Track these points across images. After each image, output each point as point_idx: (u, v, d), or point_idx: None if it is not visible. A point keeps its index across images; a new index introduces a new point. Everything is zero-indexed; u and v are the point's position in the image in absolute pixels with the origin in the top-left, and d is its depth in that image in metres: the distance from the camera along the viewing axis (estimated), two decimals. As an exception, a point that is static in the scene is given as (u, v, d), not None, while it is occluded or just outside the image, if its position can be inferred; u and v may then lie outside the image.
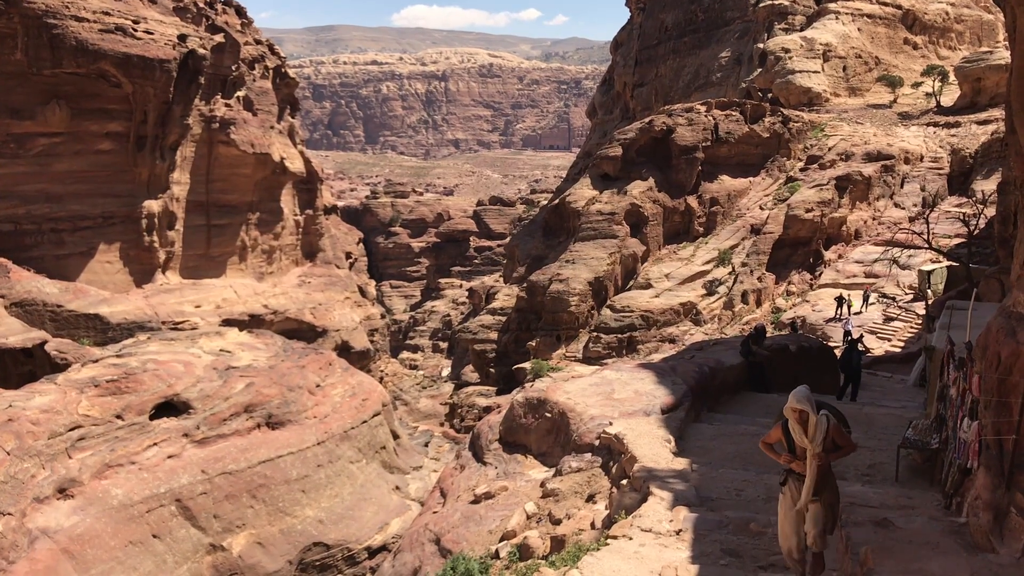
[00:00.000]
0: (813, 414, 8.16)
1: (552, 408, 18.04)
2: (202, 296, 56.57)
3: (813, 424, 8.13)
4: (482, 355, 65.97)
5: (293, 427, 29.68)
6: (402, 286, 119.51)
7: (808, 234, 59.06)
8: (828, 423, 8.18)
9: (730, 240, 60.78)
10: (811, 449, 8.11)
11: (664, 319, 55.32)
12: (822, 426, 8.14)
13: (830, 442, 8.23)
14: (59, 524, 22.34)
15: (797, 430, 8.23)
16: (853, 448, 8.62)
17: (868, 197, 62.46)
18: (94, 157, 54.29)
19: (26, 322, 45.26)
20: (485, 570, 12.60)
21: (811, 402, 8.20)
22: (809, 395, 8.24)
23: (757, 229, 60.14)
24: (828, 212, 59.17)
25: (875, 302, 46.64)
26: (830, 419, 8.25)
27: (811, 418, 8.14)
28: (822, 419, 8.17)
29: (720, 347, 23.41)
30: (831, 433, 8.21)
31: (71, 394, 26.31)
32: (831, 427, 8.20)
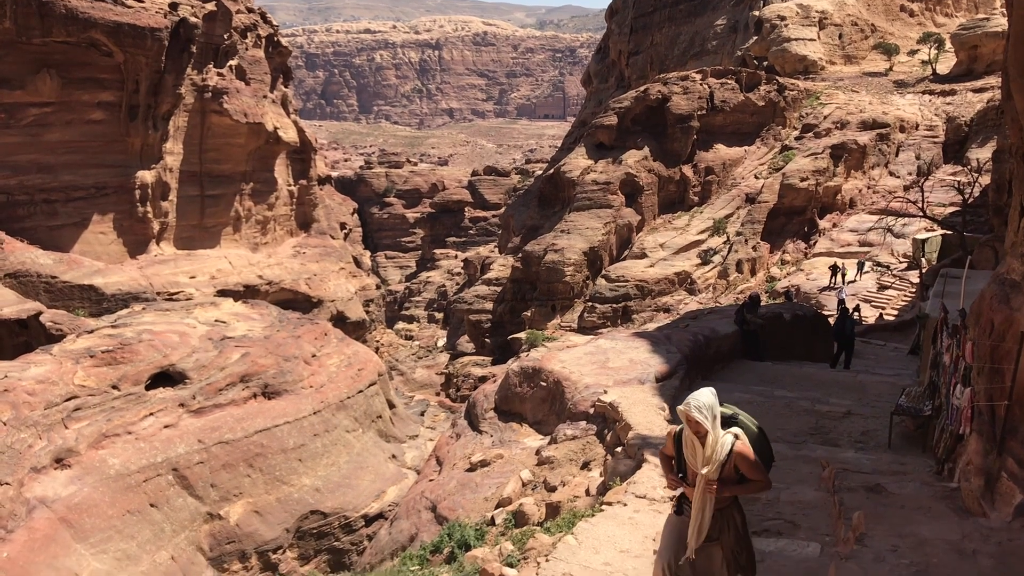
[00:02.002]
0: (712, 430, 6.12)
1: (547, 377, 18.10)
2: (196, 267, 56.44)
3: (712, 443, 6.12)
4: (477, 325, 66.09)
5: (289, 397, 29.75)
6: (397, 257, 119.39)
7: (803, 203, 59.05)
8: (732, 446, 6.18)
9: (725, 209, 60.76)
10: (703, 475, 6.13)
11: (659, 289, 55.42)
12: (723, 448, 6.15)
13: (731, 471, 6.16)
14: (57, 494, 22.43)
15: (690, 445, 6.24)
16: (766, 485, 6.34)
17: (863, 166, 62.40)
18: (86, 127, 53.88)
19: (20, 293, 45.14)
20: (481, 536, 12.71)
21: (714, 413, 6.17)
22: (714, 402, 6.19)
23: (752, 198, 60.11)
24: (823, 181, 59.14)
25: (869, 271, 46.75)
26: (736, 441, 6.22)
27: (710, 435, 6.11)
28: (725, 440, 6.18)
29: (714, 316, 23.47)
30: (734, 460, 6.15)
31: (67, 364, 26.31)
32: (735, 452, 6.16)
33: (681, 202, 64.22)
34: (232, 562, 25.27)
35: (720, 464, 6.13)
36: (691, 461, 6.26)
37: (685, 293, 55.66)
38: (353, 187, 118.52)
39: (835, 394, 16.63)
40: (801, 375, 18.85)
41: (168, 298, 48.86)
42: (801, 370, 19.51)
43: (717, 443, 6.14)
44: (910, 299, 39.83)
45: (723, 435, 6.18)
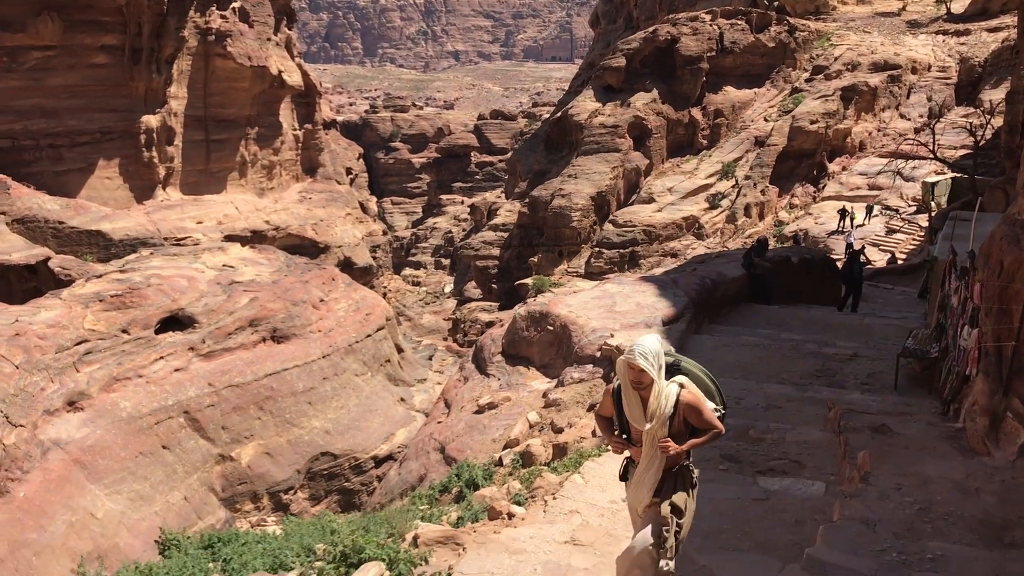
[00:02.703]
0: (658, 380, 5.48)
1: (554, 321, 18.16)
2: (203, 212, 56.36)
3: (656, 395, 5.49)
4: (484, 271, 66.10)
5: (298, 341, 29.93)
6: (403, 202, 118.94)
7: (812, 146, 58.50)
8: (678, 396, 5.55)
9: (734, 153, 60.24)
10: (649, 431, 5.56)
11: (666, 233, 55.25)
12: (668, 399, 5.50)
13: (680, 424, 5.58)
14: (70, 436, 22.73)
15: (632, 400, 5.59)
16: (718, 432, 5.73)
17: (874, 108, 61.63)
18: (89, 71, 53.38)
19: (28, 239, 45.23)
20: (489, 477, 12.87)
21: (658, 361, 5.49)
22: (658, 349, 5.52)
23: (761, 141, 59.55)
24: (833, 124, 58.49)
25: (878, 214, 46.48)
26: (683, 390, 5.59)
27: (654, 386, 5.48)
28: (670, 390, 5.53)
29: (722, 260, 23.43)
30: (682, 411, 5.54)
31: (76, 309, 26.46)
32: (682, 403, 5.54)
33: (690, 145, 63.66)
34: (244, 502, 25.69)
35: (667, 418, 5.48)
36: (633, 418, 5.56)
37: (693, 238, 55.49)
38: (358, 132, 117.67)
39: (842, 337, 16.67)
40: (808, 318, 18.87)
41: (175, 243, 48.89)
42: (808, 313, 19.53)
43: (661, 395, 5.45)
44: (919, 243, 39.66)
45: (667, 385, 5.51)
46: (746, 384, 12.69)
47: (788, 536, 7.39)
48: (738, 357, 14.79)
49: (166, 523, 22.62)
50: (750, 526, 7.61)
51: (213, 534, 16.91)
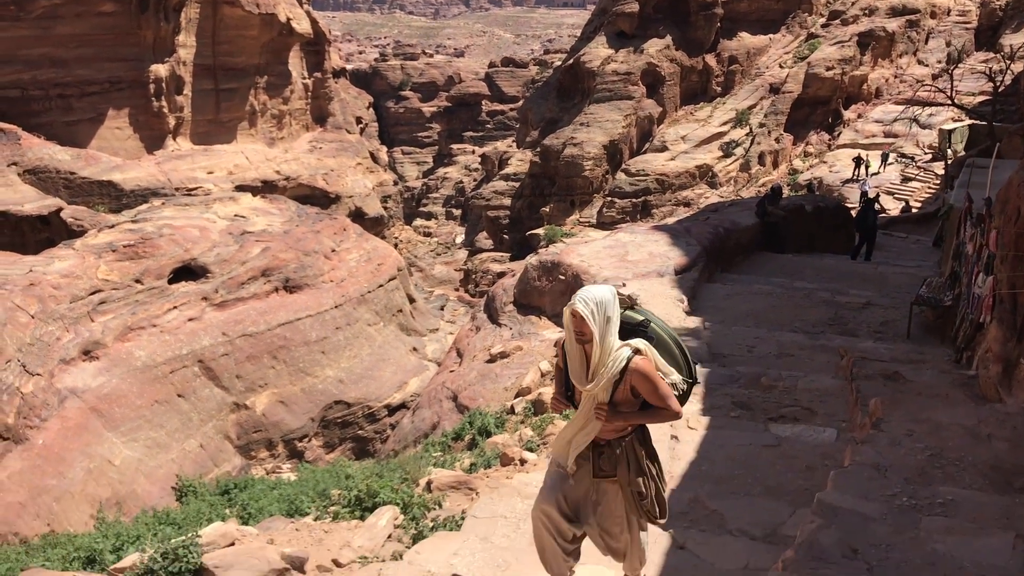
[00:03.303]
0: (600, 336, 4.63)
1: (566, 270, 18.12)
2: (214, 162, 56.23)
3: (599, 354, 4.66)
4: (495, 221, 65.93)
5: (310, 291, 30.07)
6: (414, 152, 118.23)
7: (828, 93, 57.73)
8: (629, 361, 4.67)
9: (748, 100, 59.51)
10: (588, 393, 4.77)
11: (679, 182, 54.87)
12: (616, 362, 4.66)
13: (626, 393, 4.73)
14: (86, 384, 23.02)
15: (574, 355, 4.79)
16: (671, 415, 4.82)
17: (891, 54, 60.64)
18: (97, 20, 52.91)
19: (40, 190, 45.28)
20: (501, 424, 12.94)
21: (607, 314, 4.64)
22: (610, 301, 4.68)
23: (776, 88, 58.78)
24: (849, 70, 57.64)
25: (893, 162, 45.98)
26: (637, 356, 4.69)
27: (595, 343, 4.63)
28: (620, 353, 4.68)
29: (735, 208, 23.27)
30: (629, 379, 4.67)
31: (89, 259, 26.60)
32: (632, 370, 4.66)
33: (703, 93, 62.91)
34: (259, 450, 26.03)
35: (612, 382, 4.66)
36: (574, 375, 4.79)
37: (706, 187, 55.11)
38: (368, 80, 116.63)
39: (855, 285, 16.59)
40: (821, 267, 18.78)
41: (186, 194, 48.85)
42: (822, 262, 19.42)
43: (608, 355, 4.65)
44: (934, 191, 39.28)
45: (618, 346, 4.67)
46: (758, 332, 12.67)
47: (799, 481, 7.43)
48: (751, 306, 14.75)
49: (182, 470, 22.97)
50: (761, 472, 7.65)
51: (229, 481, 17.13)
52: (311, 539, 7.61)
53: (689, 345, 11.70)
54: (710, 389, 10.03)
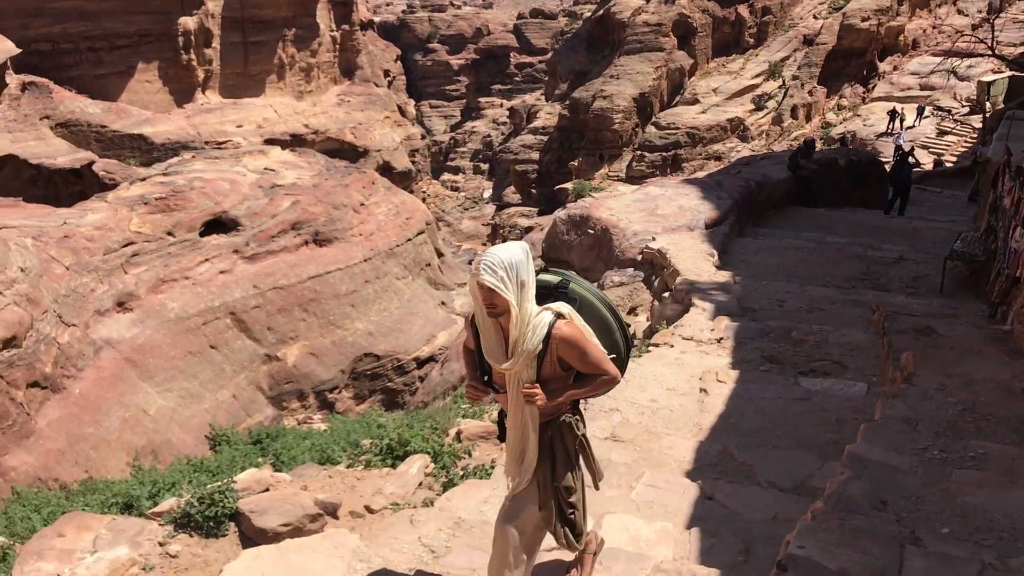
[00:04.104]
0: (516, 304, 3.90)
1: (595, 225, 18.06)
2: (243, 116, 56.28)
3: (517, 323, 3.94)
4: (523, 176, 65.61)
5: (340, 244, 30.19)
6: (441, 106, 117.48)
7: (863, 44, 56.55)
8: (551, 327, 3.97)
9: (781, 52, 58.47)
10: (510, 372, 4.05)
11: (710, 136, 54.25)
12: (536, 331, 3.95)
13: (554, 365, 4.03)
14: (120, 335, 23.38)
15: (488, 331, 4.06)
16: (611, 381, 4.17)
17: (929, 3, 59.25)
18: (125, -28, 52.85)
19: (72, 143, 45.62)
20: (529, 377, 12.99)
21: (520, 277, 3.89)
22: (522, 262, 3.90)
23: (810, 40, 57.67)
24: (885, 21, 56.36)
25: (929, 115, 45.10)
26: (559, 320, 4.00)
27: (512, 313, 3.92)
28: (540, 319, 3.97)
29: (767, 162, 23.00)
30: (555, 348, 3.98)
31: (122, 211, 26.85)
32: (556, 337, 3.97)
33: (736, 44, 61.86)
34: (291, 401, 26.39)
35: (534, 356, 3.96)
36: (491, 355, 4.06)
37: (737, 140, 54.44)
38: (396, 32, 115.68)
39: (888, 240, 16.40)
40: (854, 221, 18.57)
41: (216, 147, 49.04)
42: (854, 216, 19.20)
43: (527, 324, 3.92)
44: (971, 145, 38.52)
45: (537, 312, 3.97)
46: (789, 287, 12.59)
47: (828, 434, 7.43)
48: (781, 260, 14.65)
49: (215, 420, 23.37)
50: (790, 425, 7.66)
51: (261, 430, 17.44)
52: (343, 486, 7.75)
53: (719, 300, 11.77)
54: (740, 343, 10.02)
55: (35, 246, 23.18)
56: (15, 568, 6.10)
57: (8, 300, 20.32)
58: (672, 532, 5.66)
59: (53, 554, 6.18)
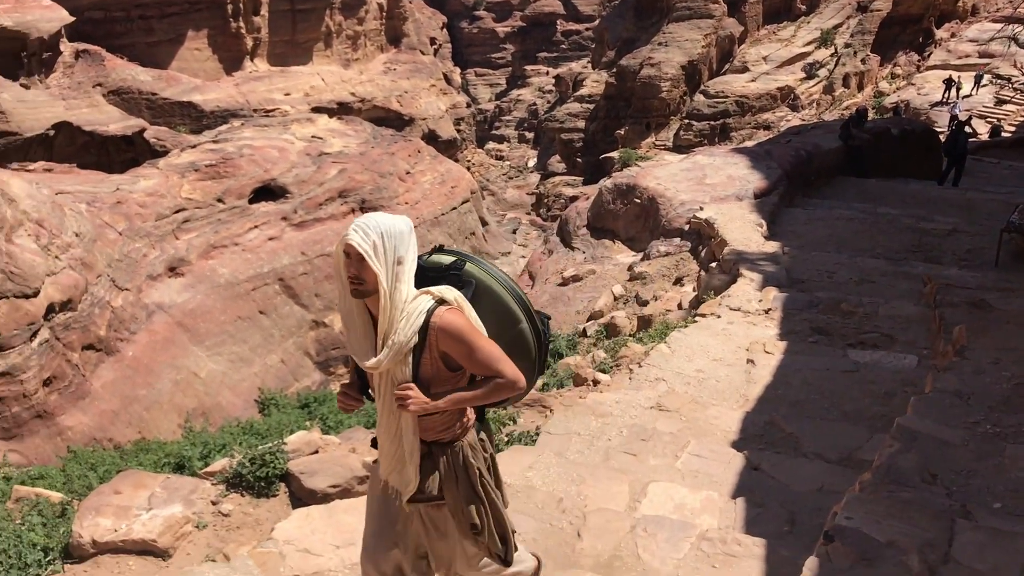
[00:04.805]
0: (385, 280, 3.17)
1: (642, 194, 17.97)
2: (290, 84, 56.59)
3: (387, 307, 3.19)
4: (569, 144, 65.15)
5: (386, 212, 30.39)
6: (487, 74, 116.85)
7: (919, 11, 55.01)
8: (430, 314, 3.22)
9: (834, 19, 57.13)
10: (381, 374, 3.31)
11: (760, 105, 53.36)
12: (412, 318, 3.21)
13: (436, 363, 3.27)
14: (172, 300, 23.84)
15: (355, 316, 3.33)
16: (509, 386, 3.31)
17: (991, -32, 57.34)
18: (175, -61, 53.24)
19: (124, 110, 46.27)
20: (573, 347, 13.04)
21: (397, 253, 3.20)
22: (396, 229, 3.23)
23: (863, 6, 56.21)
24: (945, -14, 54.76)
25: (988, 84, 43.85)
26: (441, 307, 3.24)
27: (382, 294, 3.17)
28: (418, 304, 3.23)
29: (818, 131, 22.63)
30: (435, 342, 3.23)
31: (173, 178, 27.26)
32: (436, 328, 3.21)
33: (787, 11, 60.54)
34: (337, 366, 26.75)
35: (410, 351, 3.21)
36: (356, 349, 3.34)
37: (787, 109, 53.47)
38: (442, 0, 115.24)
39: (941, 212, 16.08)
40: (907, 192, 18.22)
41: (264, 115, 49.43)
42: (907, 187, 18.83)
43: (400, 310, 3.19)
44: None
45: (414, 296, 3.23)
46: (839, 258, 12.43)
47: (877, 407, 7.36)
48: (831, 231, 14.45)
49: (264, 384, 23.78)
50: (838, 397, 7.59)
51: (309, 395, 17.73)
52: (391, 450, 7.85)
53: (767, 270, 11.65)
54: (788, 314, 9.93)
55: (89, 211, 23.65)
56: (75, 522, 6.30)
57: (64, 264, 20.80)
58: (717, 501, 5.67)
59: (110, 510, 6.38)
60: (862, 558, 3.99)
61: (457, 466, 3.45)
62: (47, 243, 20.94)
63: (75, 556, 6.11)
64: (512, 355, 3.34)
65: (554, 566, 4.82)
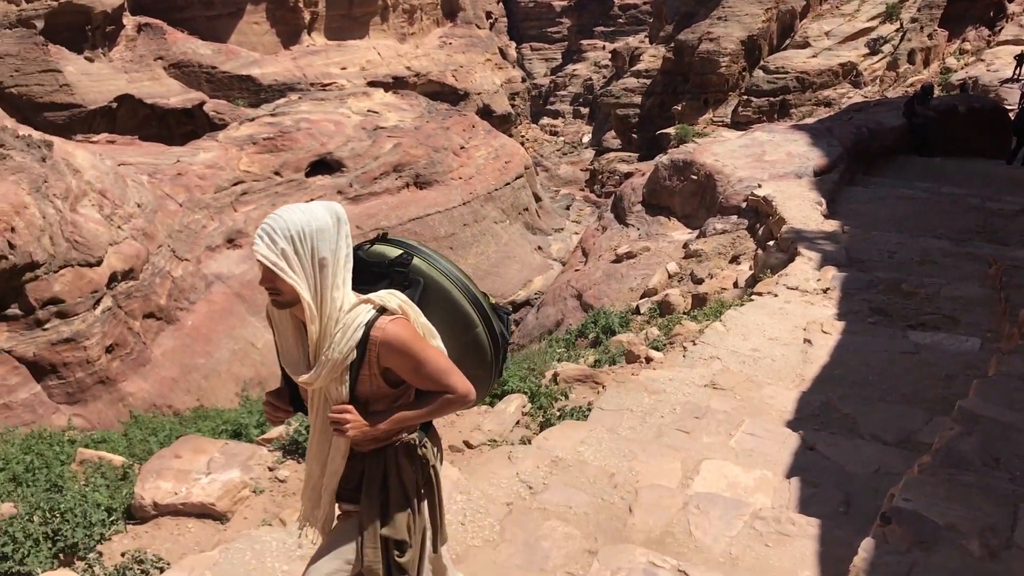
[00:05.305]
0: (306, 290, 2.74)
1: (698, 170, 17.75)
2: (347, 58, 56.91)
3: (316, 322, 2.78)
4: (625, 120, 64.57)
5: (439, 187, 30.49)
6: (543, 48, 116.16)
7: (992, -16, 53.26)
8: (370, 326, 2.79)
9: (900, -7, 55.62)
10: (314, 388, 2.91)
11: (820, 81, 52.27)
12: (349, 331, 2.79)
13: (376, 380, 2.87)
14: (230, 271, 24.27)
15: (284, 327, 2.95)
16: (457, 400, 2.96)
17: (1069, -60, 55.18)
18: (234, -87, 53.69)
19: (184, 83, 47.02)
20: (625, 324, 12.97)
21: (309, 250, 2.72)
22: (321, 225, 2.74)
23: (933, -20, 54.58)
24: (1018, -42, 52.86)
25: (1062, 61, 42.32)
26: (382, 317, 2.81)
27: (305, 305, 2.75)
28: (356, 314, 2.80)
29: (881, 108, 22.09)
30: (375, 356, 2.81)
31: (232, 151, 27.66)
32: (375, 342, 2.79)
33: (851, -15, 59.11)
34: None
35: (346, 367, 2.81)
36: (288, 362, 2.95)
37: (849, 86, 52.29)
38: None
39: (1009, 192, 15.61)
40: (972, 171, 17.72)
41: (321, 88, 49.81)
42: (973, 166, 18.32)
43: (335, 322, 2.78)
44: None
45: (351, 305, 2.81)
46: (900, 238, 12.16)
47: (937, 390, 7.21)
48: (893, 210, 14.13)
49: (319, 355, 24.09)
50: (897, 379, 7.45)
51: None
52: (443, 421, 7.93)
53: (826, 249, 11.46)
54: (847, 294, 9.76)
55: (150, 183, 24.13)
56: (137, 484, 6.48)
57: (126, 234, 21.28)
58: (771, 480, 5.62)
59: (171, 474, 6.54)
60: (920, 541, 3.93)
61: (390, 470, 3.00)
62: (110, 213, 21.44)
63: (137, 517, 6.30)
64: (466, 362, 3.00)
65: (605, 540, 4.83)
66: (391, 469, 3.01)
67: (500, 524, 4.96)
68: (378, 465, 3.00)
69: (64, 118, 38.48)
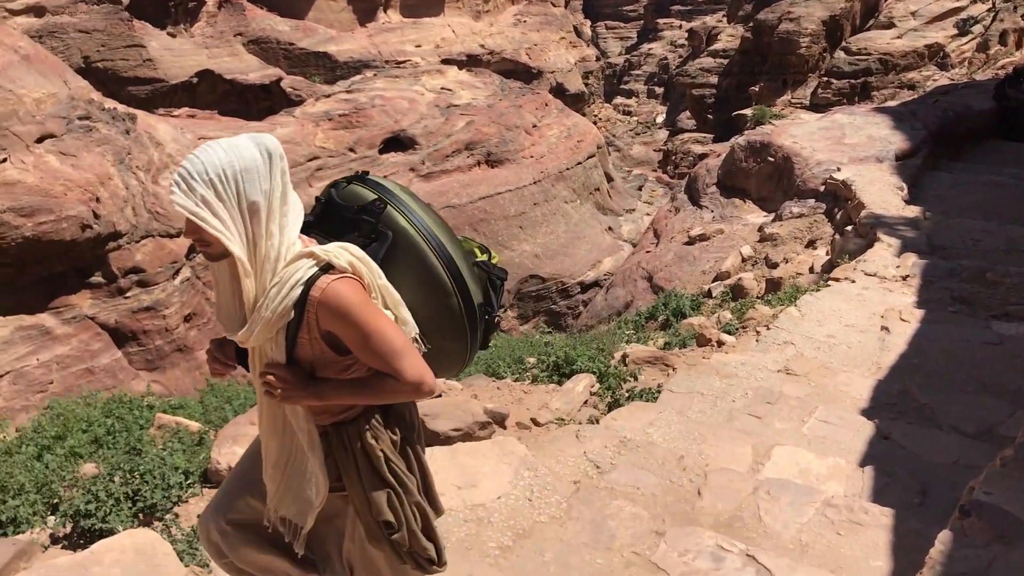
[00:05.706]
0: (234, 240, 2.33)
1: (776, 152, 17.42)
2: (422, 35, 57.12)
3: (251, 276, 2.39)
4: (700, 100, 63.55)
5: (511, 166, 30.50)
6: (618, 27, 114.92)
7: (1093, -38, 50.84)
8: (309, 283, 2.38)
9: (993, -29, 53.47)
10: (253, 349, 2.55)
11: (905, 63, 50.64)
12: (285, 290, 2.38)
13: (317, 344, 2.46)
14: (305, 245, 24.73)
15: (221, 281, 2.48)
16: (409, 386, 2.45)
17: None
18: None
19: (262, 59, 47.77)
20: (697, 307, 12.84)
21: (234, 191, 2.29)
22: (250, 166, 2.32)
23: (1029, -42, 52.36)
24: (1123, -65, 50.35)
25: None
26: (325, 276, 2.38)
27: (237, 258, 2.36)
28: (292, 272, 2.39)
29: (969, 91, 21.34)
30: (317, 320, 2.41)
31: (308, 127, 28.08)
32: (314, 303, 2.38)
33: (941, -37, 57.06)
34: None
35: (282, 327, 2.45)
36: (223, 316, 2.55)
37: (935, 68, 50.56)
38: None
39: (1104, 179, 14.98)
40: (1066, 159, 17.03)
41: (396, 66, 50.12)
42: (1067, 153, 17.60)
43: (271, 276, 2.42)
44: None
45: (292, 258, 2.43)
46: (986, 225, 11.77)
47: (1021, 382, 6.98)
48: (978, 197, 13.67)
49: (388, 329, 24.38)
50: (978, 369, 7.23)
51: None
52: (511, 398, 7.97)
53: (907, 235, 11.16)
54: (927, 282, 9.50)
55: (230, 157, 24.65)
56: (213, 449, 6.67)
57: (206, 207, 21.78)
58: (844, 468, 5.53)
59: (246, 440, 6.71)
60: (1000, 535, 3.82)
61: (355, 449, 2.63)
62: (191, 186, 21.94)
63: (213, 481, 6.49)
64: (442, 332, 2.63)
65: (672, 522, 4.81)
66: (359, 453, 2.63)
67: (567, 501, 4.98)
68: (346, 450, 2.63)
69: (147, 92, 39.44)
